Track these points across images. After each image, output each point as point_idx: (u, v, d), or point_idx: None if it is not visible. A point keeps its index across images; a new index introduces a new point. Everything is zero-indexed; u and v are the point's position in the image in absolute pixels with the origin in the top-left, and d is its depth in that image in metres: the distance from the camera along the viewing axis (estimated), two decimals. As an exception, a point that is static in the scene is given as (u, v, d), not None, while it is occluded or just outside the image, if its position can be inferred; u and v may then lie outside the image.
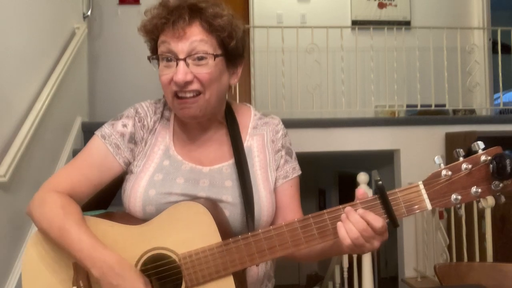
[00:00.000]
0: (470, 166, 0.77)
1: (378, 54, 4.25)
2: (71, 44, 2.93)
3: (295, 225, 0.82)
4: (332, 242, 0.86)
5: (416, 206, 0.79)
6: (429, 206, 0.79)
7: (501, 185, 0.76)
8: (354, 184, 2.49)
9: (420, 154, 3.43)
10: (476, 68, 4.60)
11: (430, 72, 4.14)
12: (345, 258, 3.03)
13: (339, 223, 0.80)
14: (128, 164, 0.97)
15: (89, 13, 3.54)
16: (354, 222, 0.78)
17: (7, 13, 2.07)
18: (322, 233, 0.82)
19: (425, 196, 0.79)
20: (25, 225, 2.07)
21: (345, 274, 3.09)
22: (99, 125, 1.02)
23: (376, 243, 0.80)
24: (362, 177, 2.44)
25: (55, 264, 0.90)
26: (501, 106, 4.51)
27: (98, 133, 0.97)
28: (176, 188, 0.92)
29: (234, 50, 0.93)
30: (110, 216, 0.95)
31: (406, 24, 4.84)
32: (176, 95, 0.90)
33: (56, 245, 0.87)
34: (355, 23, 4.80)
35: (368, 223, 0.78)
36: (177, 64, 0.88)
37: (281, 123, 1.05)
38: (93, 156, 0.95)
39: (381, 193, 0.79)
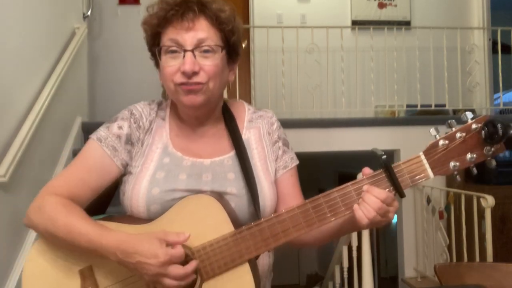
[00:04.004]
0: (464, 134, 0.82)
1: (378, 54, 4.24)
2: (71, 44, 2.92)
3: (307, 206, 0.85)
4: (345, 220, 0.89)
5: (420, 176, 0.83)
6: (431, 175, 0.83)
7: (492, 149, 0.81)
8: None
9: (420, 154, 3.43)
10: (476, 68, 4.61)
11: (430, 72, 4.14)
12: (345, 258, 3.03)
13: (355, 206, 0.83)
14: (126, 165, 0.97)
15: (89, 13, 3.54)
16: (370, 203, 0.82)
17: (7, 13, 2.07)
18: (334, 211, 0.85)
19: (427, 165, 0.83)
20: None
21: (345, 274, 3.09)
22: (99, 125, 1.01)
23: (391, 215, 0.84)
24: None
25: (59, 275, 0.88)
26: (501, 106, 4.51)
27: (93, 136, 0.96)
28: (180, 184, 0.92)
29: (234, 45, 0.96)
30: (113, 219, 0.94)
31: (406, 24, 4.84)
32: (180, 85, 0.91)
33: (64, 244, 0.87)
34: (355, 23, 4.80)
35: (383, 201, 0.81)
36: (184, 56, 0.89)
37: (274, 116, 1.08)
38: (90, 160, 0.94)
39: (386, 166, 0.83)
